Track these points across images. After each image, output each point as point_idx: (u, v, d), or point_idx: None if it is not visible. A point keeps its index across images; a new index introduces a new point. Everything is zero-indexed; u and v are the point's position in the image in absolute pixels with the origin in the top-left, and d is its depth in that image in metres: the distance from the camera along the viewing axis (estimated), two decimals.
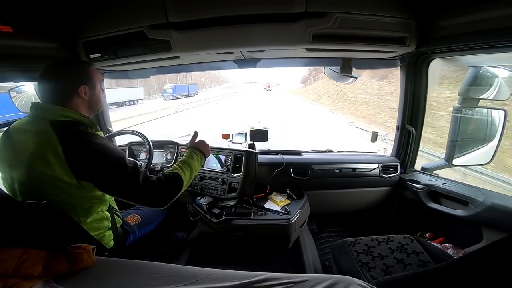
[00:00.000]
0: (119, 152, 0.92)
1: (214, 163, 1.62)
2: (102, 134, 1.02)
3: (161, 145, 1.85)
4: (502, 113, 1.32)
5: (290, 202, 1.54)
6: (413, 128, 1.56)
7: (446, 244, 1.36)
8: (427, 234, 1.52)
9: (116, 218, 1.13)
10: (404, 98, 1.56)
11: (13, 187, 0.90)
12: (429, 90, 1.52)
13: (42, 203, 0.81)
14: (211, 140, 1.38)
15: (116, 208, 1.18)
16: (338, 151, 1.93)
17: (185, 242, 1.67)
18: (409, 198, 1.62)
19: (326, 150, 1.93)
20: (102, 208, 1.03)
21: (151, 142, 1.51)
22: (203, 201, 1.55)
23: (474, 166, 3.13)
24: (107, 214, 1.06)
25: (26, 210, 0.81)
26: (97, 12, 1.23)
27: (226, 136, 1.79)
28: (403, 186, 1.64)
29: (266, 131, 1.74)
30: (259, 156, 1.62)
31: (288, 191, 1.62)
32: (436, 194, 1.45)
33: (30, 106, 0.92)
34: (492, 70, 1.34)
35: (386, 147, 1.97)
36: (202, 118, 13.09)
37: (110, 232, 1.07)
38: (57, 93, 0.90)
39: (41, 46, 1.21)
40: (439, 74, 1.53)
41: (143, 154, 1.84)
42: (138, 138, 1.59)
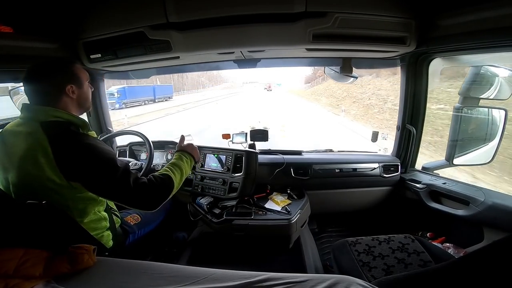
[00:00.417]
0: (110, 152, 0.91)
1: (215, 163, 1.62)
2: (95, 134, 1.01)
3: (161, 145, 1.85)
4: (503, 112, 1.32)
5: (290, 202, 1.54)
6: (413, 127, 1.56)
7: (447, 244, 1.36)
8: (428, 234, 1.52)
9: (114, 218, 1.12)
10: (404, 98, 1.56)
11: (8, 189, 0.90)
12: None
13: (43, 203, 0.81)
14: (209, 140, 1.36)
15: (114, 208, 1.18)
16: (338, 151, 1.93)
17: (185, 242, 1.67)
18: (409, 198, 1.62)
19: (326, 150, 1.93)
20: (98, 208, 1.02)
21: (152, 142, 1.51)
22: (204, 201, 1.55)
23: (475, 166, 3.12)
24: (105, 214, 1.05)
25: (27, 210, 0.81)
26: (97, 12, 1.23)
27: (226, 136, 1.79)
28: (404, 186, 1.64)
29: (267, 131, 1.74)
30: (260, 156, 1.62)
31: (288, 191, 1.62)
32: (437, 193, 1.45)
33: (21, 108, 0.91)
34: (492, 69, 1.34)
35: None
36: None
37: (109, 232, 1.06)
38: (45, 94, 0.89)
39: (41, 47, 1.21)
40: (440, 73, 1.53)
41: (144, 154, 1.84)
42: (138, 138, 1.59)
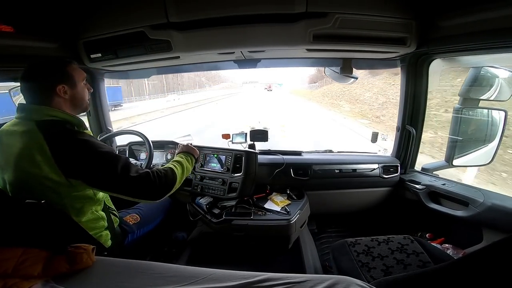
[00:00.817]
0: (108, 148, 0.93)
1: (214, 163, 1.62)
2: (91, 133, 1.01)
3: (161, 145, 1.85)
4: (503, 113, 1.32)
5: (290, 202, 1.54)
6: (413, 128, 1.56)
7: (446, 244, 1.36)
8: (427, 235, 1.52)
9: (112, 217, 1.12)
10: (404, 99, 1.56)
11: (5, 189, 0.90)
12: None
13: (42, 203, 0.81)
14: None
15: (112, 207, 1.17)
16: (338, 152, 1.93)
17: (185, 242, 1.67)
18: (409, 199, 1.62)
19: (326, 151, 1.93)
20: (96, 208, 1.02)
21: (151, 142, 1.51)
22: (203, 201, 1.55)
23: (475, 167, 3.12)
24: (102, 214, 1.05)
25: (26, 209, 0.81)
26: (97, 12, 1.23)
27: (226, 136, 1.79)
28: (403, 187, 1.64)
29: (266, 131, 1.74)
30: (259, 156, 1.62)
31: (288, 192, 1.62)
32: (436, 194, 1.45)
33: (16, 107, 0.92)
34: (492, 70, 1.34)
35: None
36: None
37: (107, 231, 1.06)
38: (38, 93, 0.90)
39: (42, 46, 1.21)
40: (440, 74, 1.53)
41: (143, 154, 1.84)
42: (138, 138, 1.59)
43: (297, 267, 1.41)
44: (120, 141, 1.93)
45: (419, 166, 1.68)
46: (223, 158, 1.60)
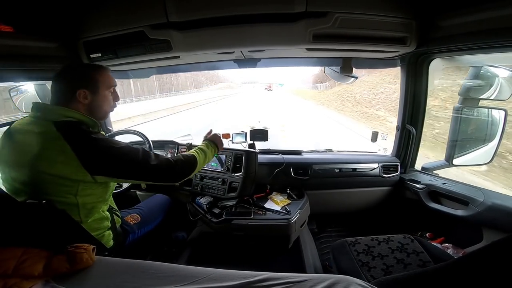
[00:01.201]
0: (124, 143, 0.96)
1: (214, 163, 1.62)
2: (104, 134, 1.03)
3: (161, 144, 1.85)
4: (503, 113, 1.32)
5: (290, 202, 1.54)
6: (413, 128, 1.56)
7: (446, 244, 1.36)
8: (427, 234, 1.52)
9: (115, 218, 1.13)
10: (404, 98, 1.56)
11: (14, 187, 0.90)
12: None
13: (42, 203, 0.81)
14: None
15: (115, 208, 1.18)
16: (338, 151, 1.93)
17: (185, 242, 1.67)
18: (409, 198, 1.62)
19: (326, 150, 1.93)
20: (103, 208, 1.03)
21: (152, 142, 1.51)
22: (203, 200, 1.55)
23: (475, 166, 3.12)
24: (107, 214, 1.06)
25: (26, 209, 0.81)
26: (97, 12, 1.23)
27: (226, 136, 1.79)
28: (403, 186, 1.64)
29: (266, 131, 1.74)
30: (259, 156, 1.62)
31: (288, 191, 1.62)
32: (436, 194, 1.45)
33: (32, 106, 0.92)
34: (492, 70, 1.34)
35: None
36: None
37: (110, 232, 1.07)
38: (59, 94, 0.92)
39: (41, 46, 1.21)
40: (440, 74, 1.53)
41: None
42: (138, 138, 1.59)
43: (297, 267, 1.41)
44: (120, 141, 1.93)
45: (419, 166, 1.68)
46: (223, 157, 1.60)
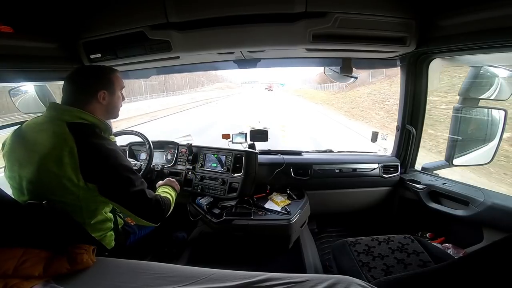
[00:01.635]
0: (130, 163, 0.96)
1: (214, 163, 1.62)
2: (114, 139, 1.04)
3: (161, 145, 1.85)
4: (503, 113, 1.32)
5: (290, 202, 1.54)
6: (413, 128, 1.56)
7: (447, 244, 1.36)
8: (428, 234, 1.52)
9: (118, 219, 1.13)
10: (404, 98, 1.56)
11: (20, 185, 0.90)
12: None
13: (43, 203, 0.81)
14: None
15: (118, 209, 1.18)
16: (338, 151, 1.93)
17: (185, 242, 1.66)
18: (409, 198, 1.62)
19: (326, 150, 1.93)
20: (105, 209, 1.03)
21: (151, 142, 1.51)
22: (203, 201, 1.55)
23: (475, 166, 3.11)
24: (110, 215, 1.06)
25: (27, 210, 0.81)
26: (97, 12, 1.23)
27: (226, 136, 1.79)
28: (404, 186, 1.64)
29: (266, 131, 1.74)
30: (259, 156, 1.62)
31: (288, 191, 1.62)
32: (436, 194, 1.45)
33: (48, 106, 0.94)
34: (492, 70, 1.34)
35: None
36: None
37: (112, 233, 1.07)
38: (77, 95, 0.93)
39: (41, 47, 1.21)
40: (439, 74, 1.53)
41: (143, 154, 1.84)
42: (138, 138, 1.59)
43: (297, 267, 1.41)
44: (120, 141, 1.93)
45: (419, 166, 1.68)
46: (223, 158, 1.60)
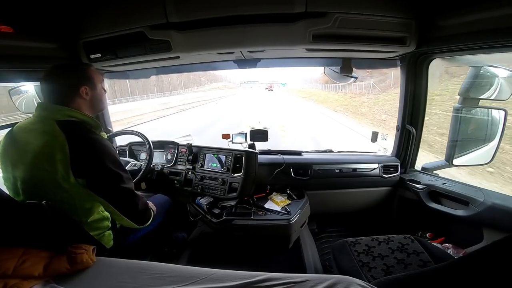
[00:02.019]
0: (119, 159, 0.96)
1: (215, 163, 1.62)
2: (105, 135, 1.04)
3: (161, 145, 1.85)
4: (503, 113, 1.32)
5: (290, 202, 1.54)
6: (413, 128, 1.56)
7: (447, 244, 1.36)
8: (428, 234, 1.52)
9: None
10: (404, 98, 1.56)
11: (15, 186, 0.90)
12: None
13: (43, 203, 0.81)
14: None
15: None
16: (338, 151, 1.93)
17: (185, 242, 1.66)
18: (409, 198, 1.62)
19: (326, 150, 1.93)
20: (102, 208, 1.03)
21: (151, 142, 1.51)
22: (203, 201, 1.55)
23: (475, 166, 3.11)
24: (107, 214, 1.06)
25: (27, 210, 0.81)
26: (97, 12, 1.23)
27: (226, 136, 1.79)
28: (404, 186, 1.64)
29: (266, 131, 1.74)
30: (260, 156, 1.62)
31: (288, 191, 1.62)
32: (436, 194, 1.45)
33: (36, 106, 0.94)
34: (492, 70, 1.34)
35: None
36: None
37: (110, 232, 1.07)
38: (60, 94, 0.92)
39: (41, 47, 1.21)
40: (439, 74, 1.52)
41: (143, 154, 1.84)
42: (138, 138, 1.59)
43: (297, 267, 1.41)
44: (120, 141, 1.93)
45: (420, 166, 1.68)
46: (223, 158, 1.60)
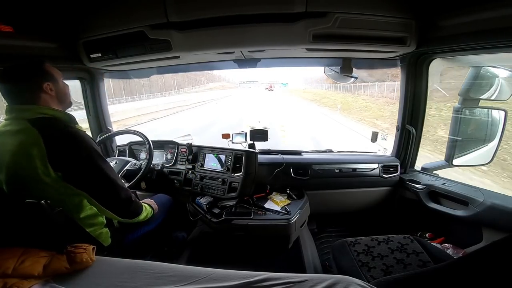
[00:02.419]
0: (97, 150, 0.94)
1: (214, 163, 1.62)
2: (81, 127, 1.02)
3: (161, 144, 1.85)
4: (503, 113, 1.32)
5: (290, 202, 1.54)
6: (413, 128, 1.56)
7: (446, 244, 1.36)
8: (427, 234, 1.52)
9: None
10: (404, 98, 1.56)
11: (1, 189, 0.90)
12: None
13: (42, 203, 0.81)
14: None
15: None
16: (338, 151, 1.93)
17: (185, 242, 1.67)
18: (409, 198, 1.62)
19: (326, 150, 1.93)
20: None
21: (151, 142, 1.51)
22: (203, 200, 1.55)
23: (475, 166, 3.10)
24: None
25: (26, 209, 0.81)
26: (97, 12, 1.23)
27: (226, 136, 1.79)
28: (403, 186, 1.64)
29: (266, 131, 1.74)
30: (259, 156, 1.62)
31: (288, 191, 1.62)
32: (436, 194, 1.45)
33: (5, 109, 0.93)
34: (492, 70, 1.34)
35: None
36: None
37: (107, 230, 1.07)
38: (25, 94, 0.91)
39: (41, 46, 1.21)
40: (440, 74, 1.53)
41: (143, 154, 1.84)
42: (138, 138, 1.59)
43: (297, 267, 1.41)
44: (120, 141, 1.93)
45: (419, 166, 1.69)
46: (223, 158, 1.60)
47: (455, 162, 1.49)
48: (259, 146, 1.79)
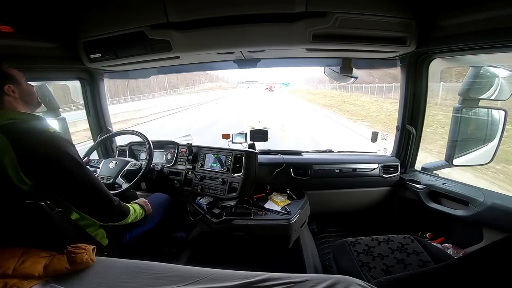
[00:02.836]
0: (70, 151, 0.89)
1: (214, 163, 1.62)
2: (55, 129, 0.96)
3: (161, 145, 1.85)
4: (503, 113, 1.32)
5: (290, 202, 1.54)
6: (413, 128, 1.56)
7: (446, 244, 1.36)
8: (427, 234, 1.52)
9: None
10: (404, 98, 1.56)
11: (1, 189, 0.87)
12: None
13: (41, 203, 0.81)
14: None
15: None
16: (338, 151, 1.93)
17: (185, 242, 1.66)
18: (409, 198, 1.62)
19: (326, 150, 1.93)
20: None
21: (151, 142, 1.51)
22: (203, 201, 1.55)
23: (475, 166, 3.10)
24: None
25: (26, 210, 0.81)
26: (97, 12, 1.23)
27: (226, 136, 1.79)
28: (403, 186, 1.64)
29: (266, 131, 1.74)
30: (259, 156, 1.62)
31: (288, 191, 1.62)
32: (436, 194, 1.45)
33: None
34: (492, 70, 1.34)
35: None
36: None
37: (102, 230, 1.06)
38: None
39: (41, 46, 1.21)
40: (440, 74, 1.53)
41: (144, 154, 1.84)
42: (138, 138, 1.59)
43: (297, 267, 1.41)
44: (120, 141, 1.93)
45: (419, 166, 1.69)
46: (223, 158, 1.60)
47: (455, 162, 1.49)
48: (259, 146, 1.79)
